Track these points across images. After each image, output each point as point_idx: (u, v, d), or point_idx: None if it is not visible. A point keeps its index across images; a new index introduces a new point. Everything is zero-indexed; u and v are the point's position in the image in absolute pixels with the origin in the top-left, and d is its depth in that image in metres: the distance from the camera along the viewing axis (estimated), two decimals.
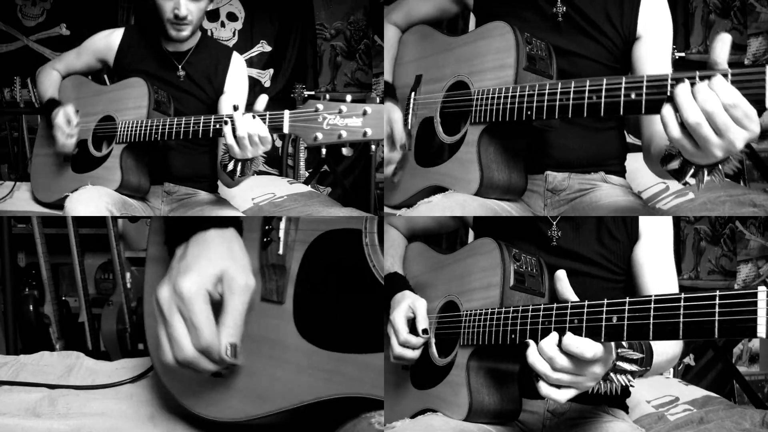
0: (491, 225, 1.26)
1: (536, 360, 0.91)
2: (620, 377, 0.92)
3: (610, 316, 0.85)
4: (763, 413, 1.38)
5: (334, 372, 0.97)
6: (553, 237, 1.19)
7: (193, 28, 1.69)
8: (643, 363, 0.95)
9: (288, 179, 2.50)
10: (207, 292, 0.95)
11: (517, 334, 0.99)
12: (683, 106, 0.85)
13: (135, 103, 1.61)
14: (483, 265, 1.13)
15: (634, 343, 0.97)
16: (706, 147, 0.85)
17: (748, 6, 2.70)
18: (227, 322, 0.95)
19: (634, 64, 1.28)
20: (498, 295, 1.07)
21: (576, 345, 0.87)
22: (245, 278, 0.98)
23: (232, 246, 1.01)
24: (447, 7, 1.45)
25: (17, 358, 1.32)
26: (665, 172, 0.98)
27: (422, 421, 1.11)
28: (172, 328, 0.93)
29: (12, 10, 2.79)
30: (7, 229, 2.42)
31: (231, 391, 1.04)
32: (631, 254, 1.20)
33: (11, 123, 2.56)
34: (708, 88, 0.84)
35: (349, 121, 1.19)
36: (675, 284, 1.19)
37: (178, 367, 0.94)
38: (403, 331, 1.16)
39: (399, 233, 1.40)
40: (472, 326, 1.09)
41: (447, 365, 1.16)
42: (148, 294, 1.15)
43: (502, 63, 1.19)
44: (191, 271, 0.95)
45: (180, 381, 1.07)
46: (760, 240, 2.78)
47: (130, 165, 1.61)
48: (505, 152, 1.24)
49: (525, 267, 1.10)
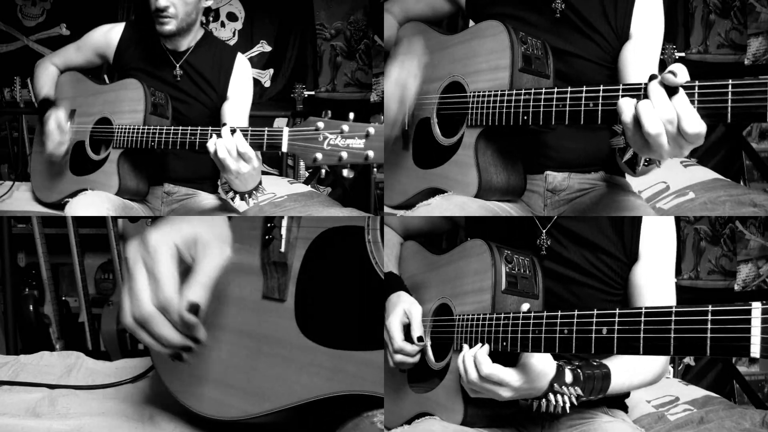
0: (484, 226, 1.26)
1: (460, 364, 1.04)
2: (559, 398, 0.99)
3: (600, 327, 0.84)
4: (763, 413, 1.38)
5: (335, 369, 0.97)
6: (543, 246, 1.18)
7: (179, 24, 1.63)
8: (591, 393, 1.01)
9: (288, 179, 2.50)
10: (175, 247, 0.88)
11: (508, 342, 0.99)
12: (643, 117, 0.85)
13: (131, 106, 1.59)
14: (475, 267, 1.12)
15: (588, 371, 1.00)
16: (659, 152, 0.86)
17: (748, 6, 2.70)
18: (193, 281, 0.87)
19: (620, 64, 1.25)
20: (489, 300, 1.07)
21: (493, 373, 0.99)
22: (220, 246, 0.91)
23: (216, 221, 0.96)
24: (439, 6, 1.44)
25: (17, 358, 1.32)
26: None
27: (421, 426, 1.11)
28: (134, 283, 0.86)
29: (12, 10, 2.78)
30: (7, 229, 2.42)
31: (231, 389, 1.04)
32: (629, 274, 1.18)
33: (11, 123, 2.56)
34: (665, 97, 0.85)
35: (351, 142, 1.14)
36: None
37: (136, 327, 0.86)
38: (398, 338, 1.16)
39: (394, 233, 1.40)
40: (464, 332, 1.09)
41: (442, 369, 1.16)
42: None
43: (496, 64, 1.18)
44: (164, 226, 0.89)
45: (180, 380, 1.07)
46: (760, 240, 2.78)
47: (127, 170, 1.59)
48: (502, 154, 1.23)
49: (517, 269, 1.09)
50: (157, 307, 0.85)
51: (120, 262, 2.45)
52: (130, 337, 2.42)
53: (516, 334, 0.97)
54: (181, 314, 0.85)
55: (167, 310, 0.85)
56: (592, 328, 0.85)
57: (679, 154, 0.87)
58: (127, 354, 2.37)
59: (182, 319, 0.85)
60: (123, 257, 0.88)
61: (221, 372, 1.05)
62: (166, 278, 0.85)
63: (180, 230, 0.89)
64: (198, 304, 0.86)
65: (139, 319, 0.85)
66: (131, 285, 0.86)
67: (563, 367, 0.99)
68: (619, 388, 1.07)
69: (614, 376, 1.04)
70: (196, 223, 0.92)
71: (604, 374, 1.02)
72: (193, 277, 0.87)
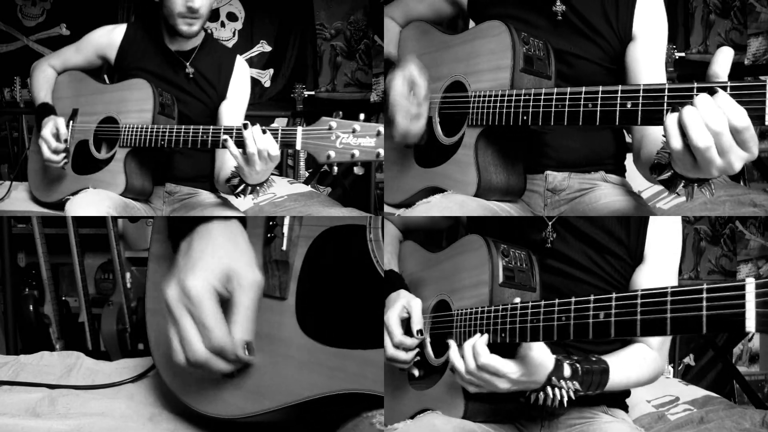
0: (486, 225, 1.26)
1: (455, 358, 1.04)
2: (557, 392, 0.99)
3: (598, 312, 0.84)
4: (763, 413, 1.38)
5: (335, 368, 0.97)
6: (548, 238, 1.19)
7: (202, 23, 1.66)
8: (589, 388, 1.01)
9: (288, 179, 2.50)
10: (215, 290, 0.93)
11: (507, 332, 0.99)
12: (692, 129, 0.81)
13: (138, 105, 1.59)
14: (472, 262, 1.13)
15: (586, 366, 1.00)
16: (707, 167, 0.82)
17: (748, 6, 2.70)
18: (239, 320, 0.93)
19: (628, 66, 1.26)
20: (487, 293, 1.08)
21: (491, 363, 0.98)
22: (253, 274, 0.96)
23: (237, 240, 0.99)
24: (441, 7, 1.44)
25: (17, 358, 1.32)
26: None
27: (425, 420, 1.12)
28: (182, 329, 0.91)
29: (12, 10, 2.79)
30: (7, 229, 2.42)
31: (231, 387, 1.04)
32: (632, 275, 1.18)
33: (11, 123, 2.56)
34: (715, 106, 0.80)
35: (362, 141, 1.19)
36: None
37: (190, 368, 0.92)
38: (398, 332, 1.16)
39: (395, 229, 1.40)
40: (463, 326, 1.10)
41: (442, 365, 1.16)
42: (151, 291, 1.15)
43: (498, 65, 1.19)
44: (198, 268, 0.93)
45: (181, 378, 1.07)
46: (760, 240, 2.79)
47: (134, 169, 1.59)
48: (502, 154, 1.23)
49: (514, 262, 1.10)
50: (211, 351, 0.91)
51: (120, 262, 2.45)
52: (130, 337, 2.43)
53: (514, 325, 0.98)
54: (237, 355, 0.93)
55: (223, 353, 0.92)
56: (590, 313, 0.85)
57: (729, 168, 0.82)
58: (127, 354, 2.37)
59: (239, 359, 0.94)
60: (165, 301, 0.92)
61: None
62: (216, 326, 0.91)
63: (214, 270, 0.93)
64: (251, 342, 0.95)
65: (194, 364, 0.92)
66: (181, 333, 0.91)
67: (562, 362, 0.99)
68: (618, 384, 1.07)
69: (612, 372, 1.04)
70: (222, 255, 0.95)
71: (602, 369, 1.02)
72: (238, 316, 0.94)
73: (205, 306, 0.91)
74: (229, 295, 0.94)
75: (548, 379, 0.98)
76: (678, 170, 0.88)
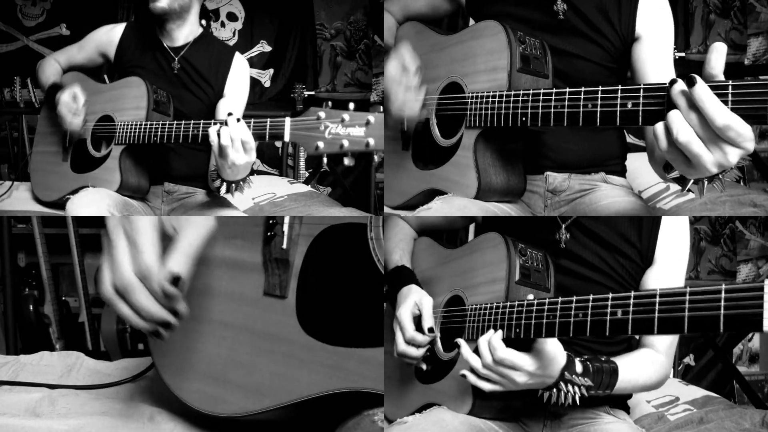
0: (500, 225, 1.26)
1: (469, 355, 1.03)
2: (570, 388, 0.98)
3: (615, 310, 0.85)
4: (763, 413, 1.38)
5: (335, 367, 0.97)
6: (562, 239, 1.19)
7: (171, 2, 1.66)
8: (599, 387, 1.01)
9: (288, 179, 2.50)
10: (160, 222, 0.85)
11: (521, 328, 0.99)
12: (672, 125, 0.81)
13: (134, 103, 1.60)
14: (489, 259, 1.13)
15: (597, 364, 1.00)
16: (699, 163, 0.81)
17: (748, 6, 2.70)
18: (175, 253, 0.84)
19: (635, 66, 1.25)
20: (503, 290, 1.08)
21: (508, 357, 0.97)
22: (205, 216, 0.90)
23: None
24: (439, 4, 1.44)
25: (17, 358, 1.32)
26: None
27: (433, 414, 1.12)
28: (114, 250, 0.83)
29: (12, 10, 2.79)
30: (7, 229, 2.42)
31: (231, 386, 1.04)
32: (642, 277, 1.18)
33: (11, 123, 2.56)
34: (691, 103, 0.80)
35: (351, 131, 1.16)
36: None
37: (116, 298, 0.83)
38: (410, 328, 1.16)
39: (410, 227, 1.40)
40: (476, 321, 1.10)
41: (451, 360, 1.16)
42: None
43: (494, 65, 1.18)
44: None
45: (180, 377, 1.07)
46: (760, 240, 2.78)
47: (129, 166, 1.61)
48: (502, 155, 1.23)
49: (531, 262, 1.10)
50: (138, 276, 0.82)
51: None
52: (130, 337, 2.42)
53: (530, 320, 0.98)
54: (161, 284, 0.82)
55: (147, 279, 0.81)
56: (607, 311, 0.86)
57: (724, 161, 0.80)
58: (127, 354, 2.37)
59: (163, 289, 0.82)
60: (104, 230, 0.85)
61: (221, 368, 1.05)
62: (147, 246, 0.82)
63: (165, 218, 0.88)
64: (179, 275, 0.83)
65: (119, 289, 0.82)
66: (111, 254, 0.83)
67: (573, 358, 0.99)
68: (625, 386, 1.07)
69: (621, 373, 1.03)
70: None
71: (612, 369, 1.02)
72: (175, 247, 0.84)
73: (141, 225, 0.83)
74: (175, 232, 0.88)
75: (561, 374, 0.98)
76: (681, 172, 0.88)
